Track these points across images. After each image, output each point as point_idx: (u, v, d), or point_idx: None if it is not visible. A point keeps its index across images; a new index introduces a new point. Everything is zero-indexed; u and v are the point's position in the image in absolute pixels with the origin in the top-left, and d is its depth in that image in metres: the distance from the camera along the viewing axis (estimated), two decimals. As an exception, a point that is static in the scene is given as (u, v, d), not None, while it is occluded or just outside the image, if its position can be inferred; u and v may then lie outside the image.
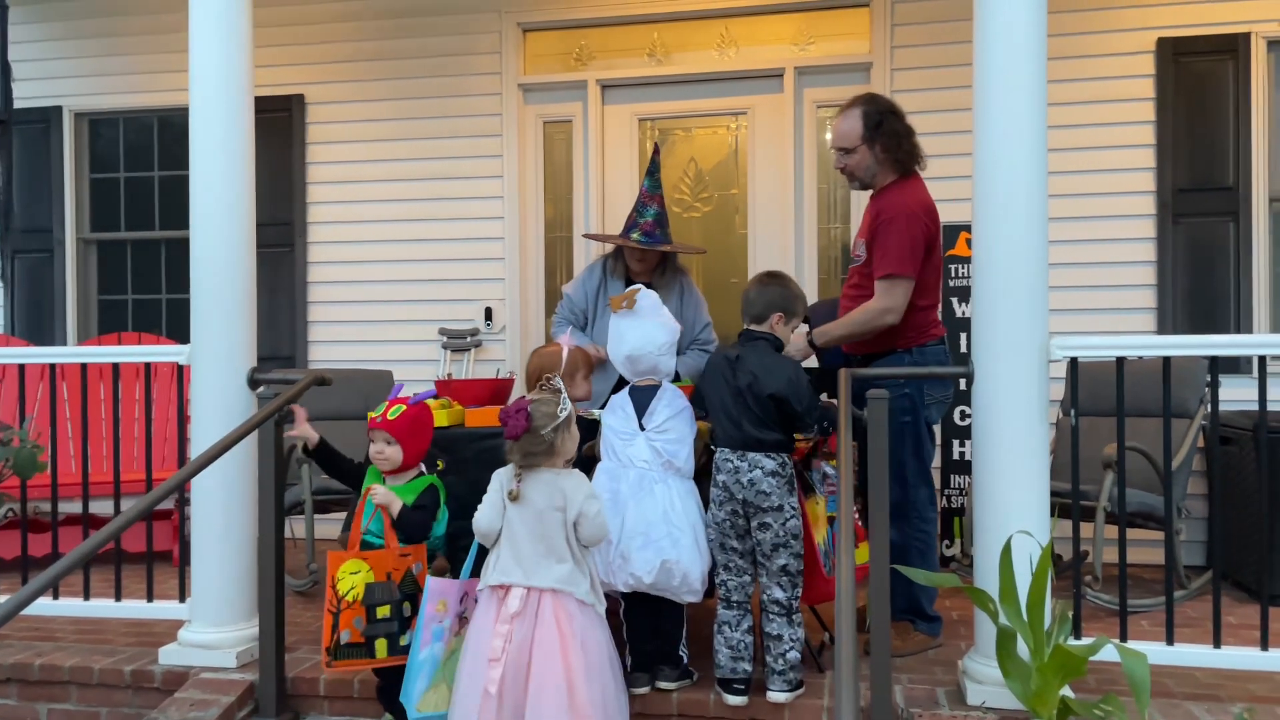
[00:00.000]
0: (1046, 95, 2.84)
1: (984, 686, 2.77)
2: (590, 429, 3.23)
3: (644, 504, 2.86)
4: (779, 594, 2.85)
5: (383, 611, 2.76)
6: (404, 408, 2.87)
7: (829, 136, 3.36)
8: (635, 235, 3.75)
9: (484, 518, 2.67)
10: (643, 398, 3.01)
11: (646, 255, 3.81)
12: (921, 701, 2.83)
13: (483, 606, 2.65)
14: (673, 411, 2.98)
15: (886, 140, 3.26)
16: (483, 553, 2.78)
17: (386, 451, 2.85)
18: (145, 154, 5.64)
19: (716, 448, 2.94)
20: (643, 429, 2.96)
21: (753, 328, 3.03)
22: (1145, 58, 4.61)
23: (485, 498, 2.70)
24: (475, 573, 2.80)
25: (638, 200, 3.81)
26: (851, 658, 1.96)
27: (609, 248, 4.00)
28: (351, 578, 2.72)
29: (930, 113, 4.69)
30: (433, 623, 2.75)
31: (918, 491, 3.27)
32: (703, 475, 3.03)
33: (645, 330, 3.03)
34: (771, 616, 2.86)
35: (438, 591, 2.76)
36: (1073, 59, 4.58)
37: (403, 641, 2.80)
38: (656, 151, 3.87)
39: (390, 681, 2.87)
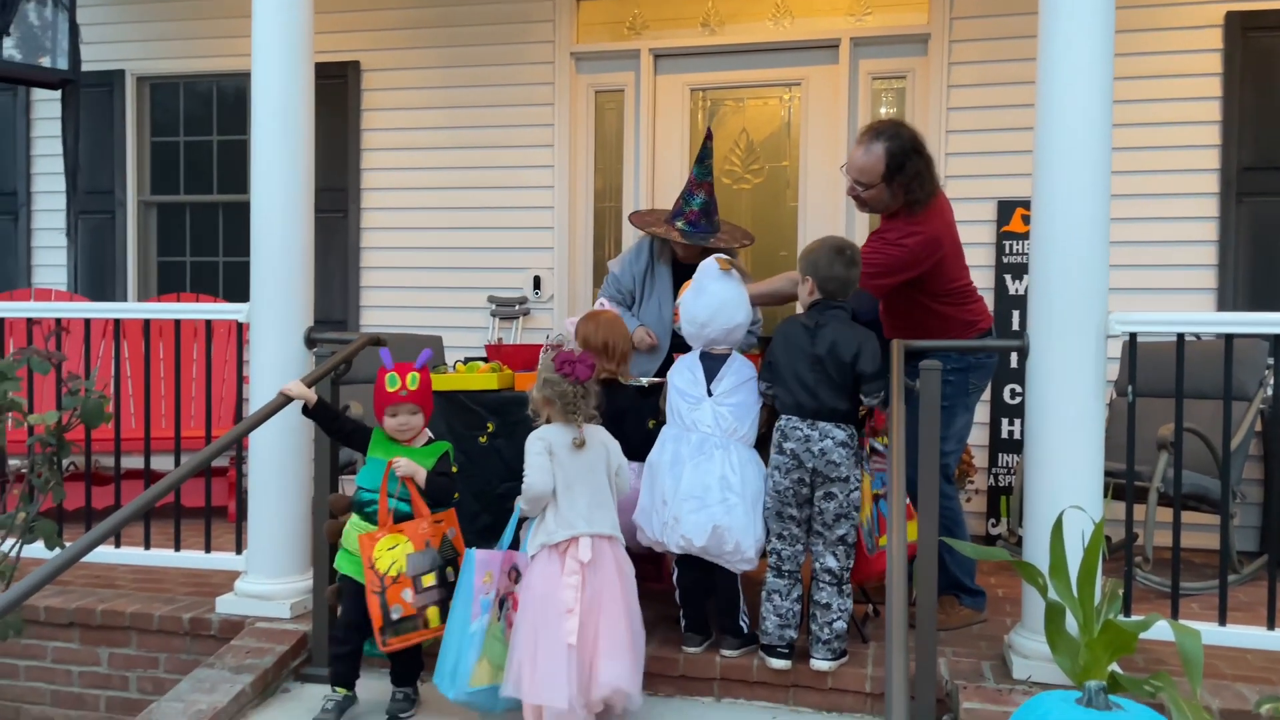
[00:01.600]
0: (1113, 68, 2.79)
1: (1030, 661, 2.76)
2: (640, 394, 3.26)
3: (702, 468, 2.88)
4: (833, 563, 2.86)
5: (428, 580, 2.74)
6: (416, 374, 2.82)
7: (848, 163, 3.26)
8: (680, 224, 3.74)
9: (538, 481, 2.66)
10: (713, 364, 3.02)
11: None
12: (966, 674, 2.83)
13: (541, 567, 2.65)
14: (740, 380, 2.99)
15: (906, 180, 3.15)
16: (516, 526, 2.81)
17: (411, 421, 2.83)
18: (204, 118, 5.73)
19: (784, 415, 2.92)
20: (710, 395, 2.97)
21: (831, 299, 2.99)
22: (1213, 32, 4.49)
23: (531, 463, 2.68)
24: (512, 544, 2.82)
25: (686, 187, 3.79)
26: (903, 628, 1.97)
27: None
28: (390, 554, 2.69)
29: (989, 85, 4.64)
30: (480, 594, 2.71)
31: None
32: (760, 444, 3.03)
33: (728, 298, 3.03)
34: (822, 585, 2.87)
35: (484, 563, 2.73)
36: (1138, 32, 4.48)
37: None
38: (709, 137, 3.80)
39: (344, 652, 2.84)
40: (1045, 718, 1.94)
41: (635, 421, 3.18)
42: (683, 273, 3.77)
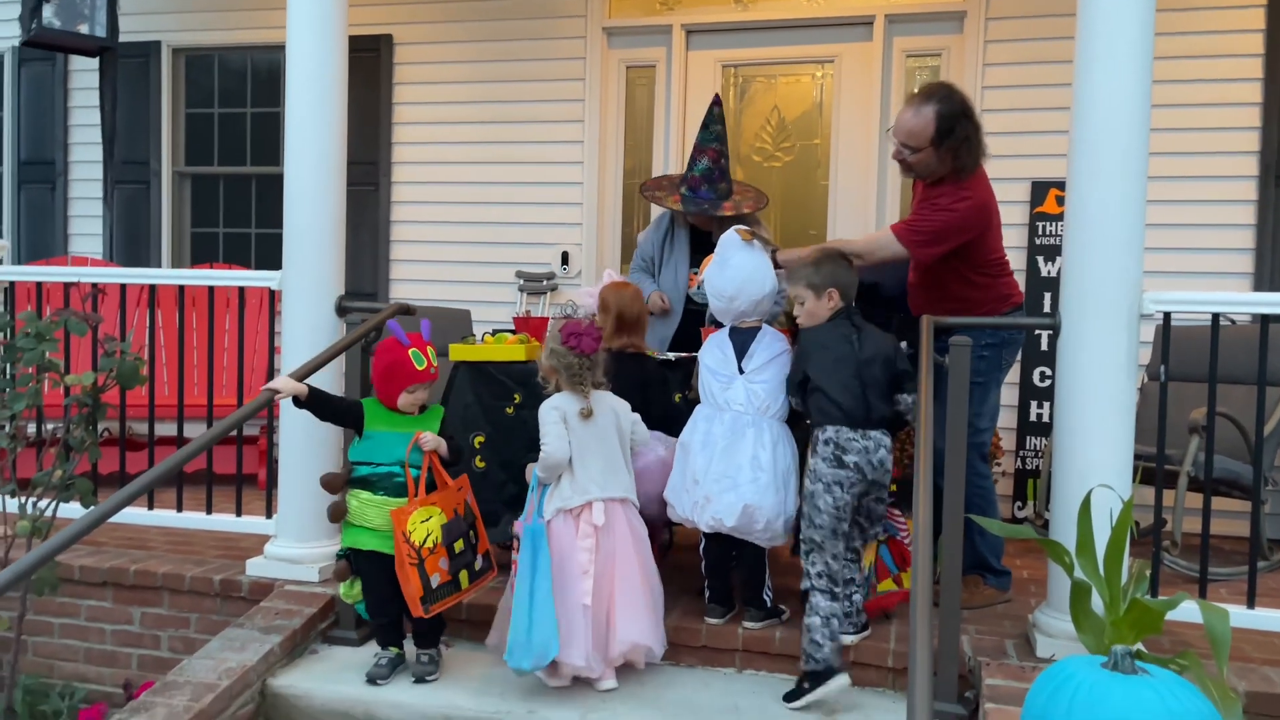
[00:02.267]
0: (1153, 47, 2.75)
1: (1054, 640, 2.75)
2: (665, 368, 3.26)
3: (734, 448, 2.87)
4: (858, 544, 2.90)
5: (459, 545, 2.82)
6: (429, 350, 2.86)
7: (895, 125, 3.21)
8: (683, 190, 3.73)
9: (556, 449, 2.72)
10: (743, 339, 3.01)
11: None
12: (989, 651, 2.83)
13: (557, 531, 2.72)
14: (771, 355, 2.98)
15: (955, 145, 3.12)
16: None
17: (424, 397, 2.88)
18: (238, 91, 5.77)
19: (831, 426, 2.78)
20: (741, 372, 2.96)
21: (851, 305, 2.96)
22: (1255, 12, 4.40)
23: (549, 430, 2.73)
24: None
25: (691, 152, 3.77)
26: (927, 604, 1.97)
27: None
28: (423, 525, 2.74)
29: (1025, 64, 4.58)
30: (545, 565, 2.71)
31: (970, 449, 3.22)
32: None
33: (753, 268, 3.02)
34: (846, 563, 2.86)
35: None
36: (1179, 11, 4.39)
37: (477, 566, 2.88)
38: (716, 102, 3.74)
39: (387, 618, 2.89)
40: (1070, 680, 1.93)
41: (659, 394, 3.19)
42: (700, 238, 3.77)
